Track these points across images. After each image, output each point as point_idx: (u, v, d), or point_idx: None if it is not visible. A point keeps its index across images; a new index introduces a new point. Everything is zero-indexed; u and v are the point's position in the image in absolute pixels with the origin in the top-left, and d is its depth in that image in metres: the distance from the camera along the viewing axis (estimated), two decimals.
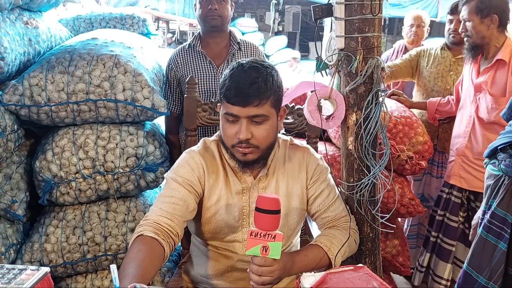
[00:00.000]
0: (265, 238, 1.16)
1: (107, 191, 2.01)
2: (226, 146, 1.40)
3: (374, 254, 1.59)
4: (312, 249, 1.42)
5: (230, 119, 1.34)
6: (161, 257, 1.25)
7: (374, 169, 1.44)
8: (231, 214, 1.43)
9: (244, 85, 1.30)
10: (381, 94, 1.43)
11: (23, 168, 2.06)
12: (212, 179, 1.43)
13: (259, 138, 1.34)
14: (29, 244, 1.97)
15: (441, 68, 2.91)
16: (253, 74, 1.31)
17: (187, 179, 1.40)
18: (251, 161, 1.38)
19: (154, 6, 9.83)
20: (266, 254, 1.17)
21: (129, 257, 1.18)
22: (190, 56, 2.27)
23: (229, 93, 1.31)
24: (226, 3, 2.21)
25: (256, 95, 1.30)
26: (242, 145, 1.33)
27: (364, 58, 1.39)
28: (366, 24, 1.37)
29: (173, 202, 1.35)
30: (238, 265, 1.47)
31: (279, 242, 1.17)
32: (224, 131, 1.38)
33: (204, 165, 1.42)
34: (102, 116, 1.97)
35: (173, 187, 1.38)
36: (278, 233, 1.16)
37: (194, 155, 1.45)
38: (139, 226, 1.30)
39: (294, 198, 1.47)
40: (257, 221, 1.17)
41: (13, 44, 1.93)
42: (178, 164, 1.45)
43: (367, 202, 1.51)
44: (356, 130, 1.47)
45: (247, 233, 1.18)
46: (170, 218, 1.32)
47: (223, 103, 1.36)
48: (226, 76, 1.35)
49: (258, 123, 1.33)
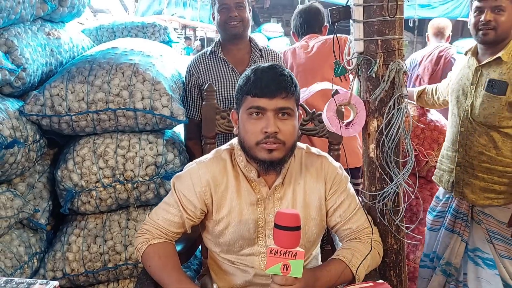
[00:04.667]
0: (285, 256, 1.12)
1: (127, 200, 2.00)
2: (247, 147, 1.34)
3: (400, 267, 1.51)
4: (334, 264, 1.37)
5: (255, 114, 1.30)
6: (175, 250, 1.44)
7: (397, 178, 1.37)
8: (245, 226, 1.39)
9: (272, 77, 1.29)
10: (403, 99, 1.36)
11: (46, 177, 2.08)
12: (221, 190, 1.39)
13: (286, 133, 1.30)
14: (52, 253, 1.99)
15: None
16: (277, 69, 1.31)
17: (186, 195, 1.40)
18: (276, 160, 1.32)
19: (181, 13, 9.94)
20: (287, 273, 1.13)
21: (157, 265, 1.36)
22: (212, 63, 2.25)
23: (255, 86, 1.29)
24: (245, 8, 2.17)
25: (284, 86, 1.28)
26: (269, 140, 1.28)
27: (385, 61, 1.33)
28: (386, 26, 1.31)
29: (169, 219, 1.42)
30: (256, 280, 1.42)
31: (301, 260, 1.12)
32: (247, 128, 1.32)
33: (210, 179, 1.39)
34: (122, 125, 1.97)
35: (172, 203, 1.43)
36: (300, 250, 1.12)
37: (201, 167, 1.42)
38: (142, 235, 1.44)
39: (312, 209, 1.42)
40: (277, 239, 1.13)
41: (35, 55, 1.96)
42: (184, 175, 1.44)
43: (390, 212, 1.44)
44: (378, 137, 1.41)
45: (267, 251, 1.14)
46: (165, 233, 1.43)
47: (245, 100, 1.32)
48: (247, 75, 1.33)
49: (284, 118, 1.30)
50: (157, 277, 1.35)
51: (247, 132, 1.32)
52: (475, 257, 2.05)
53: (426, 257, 2.29)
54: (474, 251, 2.05)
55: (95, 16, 8.68)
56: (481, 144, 1.94)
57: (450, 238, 2.11)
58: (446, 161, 2.13)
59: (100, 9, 9.73)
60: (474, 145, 1.97)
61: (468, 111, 1.96)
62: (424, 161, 2.52)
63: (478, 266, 2.03)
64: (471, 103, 1.96)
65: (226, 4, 2.14)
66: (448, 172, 2.11)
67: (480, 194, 1.97)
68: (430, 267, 2.25)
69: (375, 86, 1.37)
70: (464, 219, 2.06)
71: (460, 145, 2.02)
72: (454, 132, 2.06)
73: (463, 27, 11.90)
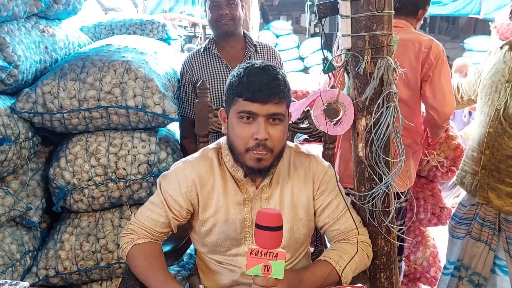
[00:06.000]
0: (266, 257, 1.10)
1: (119, 198, 1.99)
2: (236, 152, 1.31)
3: (390, 269, 1.48)
4: (320, 265, 1.34)
5: (246, 118, 1.26)
6: (161, 250, 1.44)
7: (386, 178, 1.33)
8: (232, 226, 1.36)
9: (266, 81, 1.24)
10: (393, 96, 1.32)
11: (40, 175, 2.07)
12: (207, 190, 1.37)
13: (275, 139, 1.27)
14: (45, 251, 1.98)
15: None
16: (271, 72, 1.27)
17: (172, 195, 1.38)
18: (263, 168, 1.30)
19: (189, 11, 9.93)
20: (268, 274, 1.10)
21: (142, 265, 1.35)
22: (205, 60, 2.23)
23: (247, 89, 1.24)
24: (237, 5, 2.15)
25: (277, 92, 1.25)
26: (259, 148, 1.26)
27: (373, 58, 1.29)
28: (374, 21, 1.27)
29: (154, 218, 1.41)
30: (243, 279, 1.40)
31: (282, 261, 1.10)
32: (237, 133, 1.29)
33: (196, 178, 1.37)
34: (114, 122, 1.95)
35: (157, 203, 1.41)
36: (281, 251, 1.10)
37: (187, 166, 1.40)
38: (127, 235, 1.42)
39: (300, 209, 1.39)
40: (258, 239, 1.11)
41: (28, 52, 1.95)
42: (170, 174, 1.42)
43: (380, 213, 1.40)
44: (366, 136, 1.37)
45: (247, 252, 1.11)
46: (151, 233, 1.40)
47: (236, 102, 1.28)
48: (239, 74, 1.28)
49: (275, 124, 1.27)
50: (142, 278, 1.34)
51: (237, 136, 1.29)
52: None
53: (451, 264, 2.19)
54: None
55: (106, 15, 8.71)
56: (510, 147, 1.83)
57: (477, 248, 2.02)
58: (470, 162, 2.02)
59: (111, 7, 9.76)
60: (502, 148, 1.85)
61: (501, 110, 1.84)
62: (426, 161, 2.47)
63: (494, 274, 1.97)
64: (504, 101, 1.83)
65: (217, 2, 2.12)
66: (471, 174, 2.00)
67: (507, 200, 1.86)
68: (456, 276, 2.15)
69: (363, 84, 1.33)
70: (491, 228, 1.96)
71: (487, 146, 1.90)
72: (482, 132, 1.94)
73: (475, 24, 11.73)
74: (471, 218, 2.06)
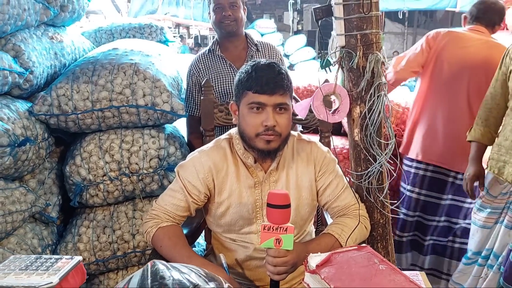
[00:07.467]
0: (277, 231, 1.25)
1: (133, 191, 2.13)
2: (247, 138, 1.48)
3: (386, 239, 1.66)
4: (324, 238, 1.51)
5: (255, 108, 1.44)
6: (182, 231, 1.58)
7: (380, 158, 1.51)
8: (245, 207, 1.53)
9: (272, 75, 1.42)
10: (382, 87, 1.50)
11: (54, 173, 2.21)
12: (222, 176, 1.53)
13: (282, 125, 1.44)
14: (64, 244, 2.11)
15: None
16: (275, 68, 1.45)
17: (191, 181, 1.54)
18: (272, 150, 1.47)
19: (174, 13, 10.04)
20: (280, 246, 1.26)
21: (167, 245, 1.50)
22: (210, 61, 2.38)
23: (256, 83, 1.42)
24: (239, 7, 2.30)
25: (281, 84, 1.43)
26: (268, 132, 1.43)
27: (364, 53, 1.47)
28: (364, 22, 1.46)
29: (175, 203, 1.55)
30: (256, 254, 1.56)
31: (291, 234, 1.25)
32: (247, 121, 1.46)
33: (211, 165, 1.53)
34: (125, 121, 2.10)
35: (177, 189, 1.56)
36: (289, 225, 1.25)
37: (202, 155, 1.56)
38: (151, 219, 1.56)
39: (303, 190, 1.56)
40: (269, 216, 1.26)
41: (40, 58, 2.08)
42: (187, 163, 1.58)
43: (375, 190, 1.58)
44: (361, 122, 1.55)
45: (261, 227, 1.27)
46: (173, 217, 1.56)
47: (246, 95, 1.45)
48: (247, 70, 1.46)
49: (281, 112, 1.44)
50: (169, 256, 1.48)
51: (248, 124, 1.46)
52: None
53: (477, 254, 2.22)
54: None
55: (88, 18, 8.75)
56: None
57: (510, 236, 2.03)
58: (510, 151, 1.97)
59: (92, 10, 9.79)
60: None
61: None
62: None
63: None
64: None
65: (220, 4, 2.27)
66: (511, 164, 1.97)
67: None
68: (483, 265, 2.19)
69: (357, 76, 1.52)
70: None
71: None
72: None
73: (452, 17, 12.05)
74: (502, 207, 2.09)
